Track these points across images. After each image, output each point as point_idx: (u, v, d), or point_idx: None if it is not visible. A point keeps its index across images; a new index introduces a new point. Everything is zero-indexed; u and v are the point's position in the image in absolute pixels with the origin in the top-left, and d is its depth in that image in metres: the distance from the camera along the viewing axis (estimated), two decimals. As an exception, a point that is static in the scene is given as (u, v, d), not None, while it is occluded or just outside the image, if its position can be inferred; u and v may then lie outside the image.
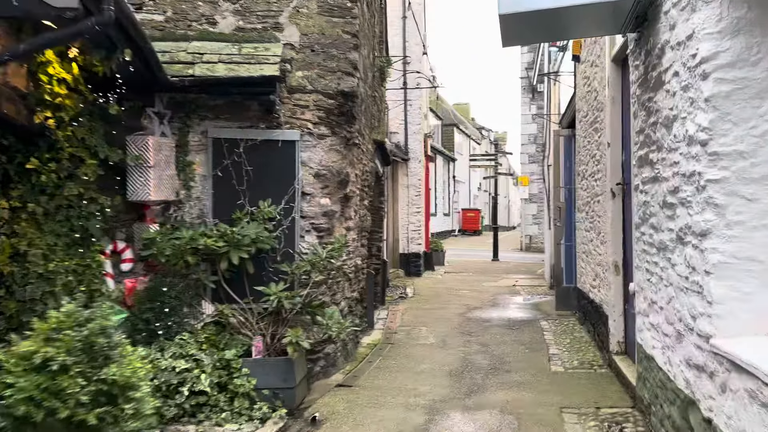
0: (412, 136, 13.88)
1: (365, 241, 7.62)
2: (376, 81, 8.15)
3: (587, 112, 7.03)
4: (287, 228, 5.23)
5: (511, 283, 12.89)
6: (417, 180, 13.97)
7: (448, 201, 34.02)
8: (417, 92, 13.76)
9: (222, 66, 4.88)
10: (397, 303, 10.00)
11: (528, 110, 25.91)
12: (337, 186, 5.65)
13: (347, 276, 6.29)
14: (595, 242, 6.48)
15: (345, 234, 6.04)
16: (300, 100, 5.31)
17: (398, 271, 13.68)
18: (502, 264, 18.25)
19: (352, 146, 5.92)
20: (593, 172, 6.60)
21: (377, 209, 9.62)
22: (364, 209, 7.42)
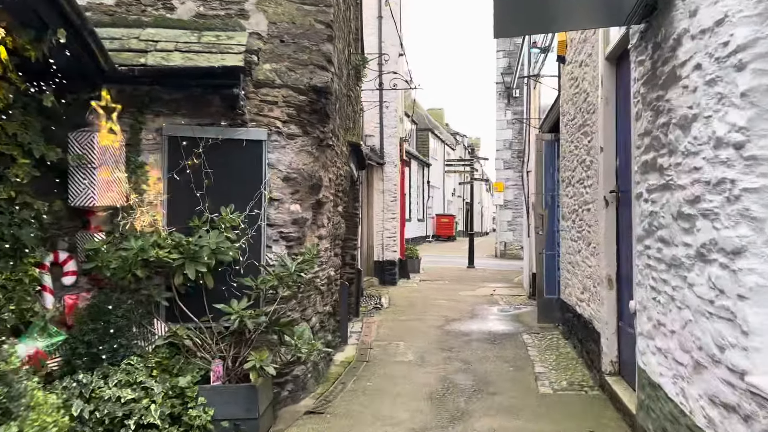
0: (388, 140, 13.43)
1: (339, 249, 7.12)
2: (351, 80, 7.67)
3: (574, 115, 6.67)
4: (252, 237, 4.69)
5: (489, 293, 12.52)
6: (392, 185, 13.52)
7: (422, 206, 33.69)
8: (393, 94, 13.32)
9: (179, 55, 4.33)
10: (372, 314, 9.50)
11: (504, 116, 25.77)
12: (309, 191, 5.14)
13: (319, 289, 5.78)
14: (584, 253, 6.10)
15: (317, 243, 5.54)
16: (268, 96, 4.79)
17: (372, 280, 13.18)
18: (478, 271, 17.91)
19: (325, 148, 5.42)
20: (582, 179, 6.22)
21: (352, 215, 9.12)
22: (338, 216, 6.92)
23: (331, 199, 6.13)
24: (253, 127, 4.73)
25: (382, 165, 13.39)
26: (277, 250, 4.90)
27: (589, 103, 5.82)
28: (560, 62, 7.69)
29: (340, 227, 7.06)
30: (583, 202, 6.14)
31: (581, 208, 6.23)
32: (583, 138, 6.14)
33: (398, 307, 10.28)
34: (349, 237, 9.10)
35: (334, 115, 5.59)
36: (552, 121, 9.09)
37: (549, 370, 6.00)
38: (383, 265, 13.43)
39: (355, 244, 9.11)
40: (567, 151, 7.20)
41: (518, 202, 25.46)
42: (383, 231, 13.48)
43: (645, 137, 3.73)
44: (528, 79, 11.67)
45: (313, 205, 5.33)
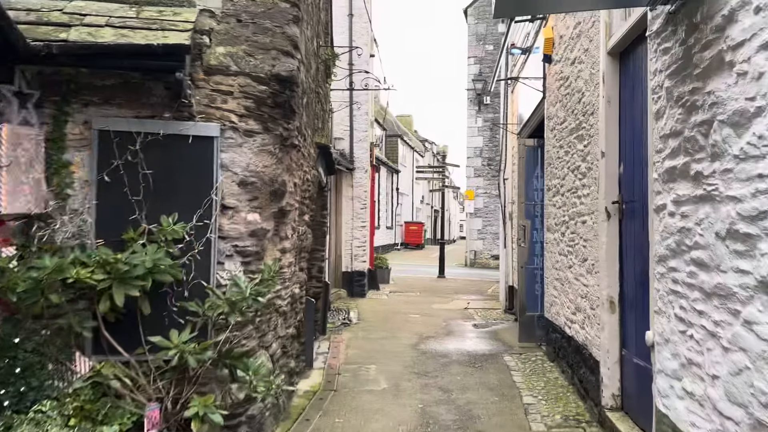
0: (358, 144, 12.74)
1: (305, 263, 6.38)
2: (320, 75, 6.96)
3: (564, 118, 6.10)
4: (200, 253, 3.92)
5: (463, 306, 11.91)
6: (363, 191, 12.83)
7: (391, 214, 33.08)
8: (364, 96, 12.65)
9: (110, 31, 3.56)
10: (340, 331, 8.76)
11: (474, 122, 25.41)
12: (270, 198, 4.41)
13: (281, 311, 5.04)
14: (577, 269, 5.51)
15: (279, 258, 4.80)
16: (221, 85, 4.05)
17: (341, 292, 12.44)
18: (449, 282, 17.34)
19: (290, 148, 4.69)
20: (574, 188, 5.64)
21: (320, 224, 8.39)
22: (305, 225, 6.19)
23: (297, 207, 5.40)
24: (203, 121, 3.98)
25: (351, 170, 12.70)
26: (230, 267, 4.14)
27: (585, 104, 5.25)
28: (546, 62, 7.14)
29: (307, 238, 6.33)
30: (576, 213, 5.56)
31: (573, 220, 5.65)
32: (576, 143, 5.57)
33: (368, 323, 9.56)
34: (317, 248, 8.36)
35: (300, 111, 4.88)
36: (534, 125, 8.56)
37: (539, 400, 5.37)
38: (352, 276, 12.71)
39: (322, 255, 8.38)
40: (554, 158, 6.63)
41: (488, 210, 25.11)
42: (352, 240, 12.76)
43: (671, 139, 3.13)
44: (506, 83, 11.16)
45: (276, 213, 4.60)
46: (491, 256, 24.83)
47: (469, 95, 25.37)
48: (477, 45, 25.25)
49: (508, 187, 11.09)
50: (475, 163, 25.09)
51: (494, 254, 24.71)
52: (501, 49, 10.66)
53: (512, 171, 10.76)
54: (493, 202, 25.02)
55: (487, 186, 24.94)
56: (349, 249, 12.74)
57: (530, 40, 8.69)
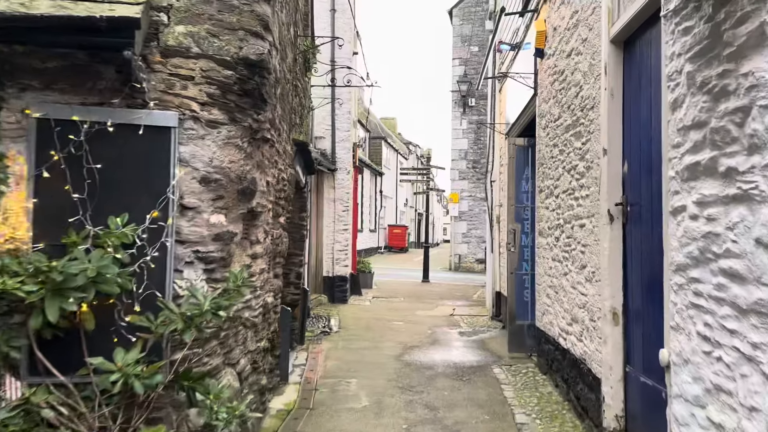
0: (341, 144, 12.28)
1: (280, 269, 5.91)
2: (298, 67, 6.50)
3: (559, 114, 5.72)
4: (154, 259, 3.44)
5: (448, 312, 11.50)
6: (345, 193, 12.37)
7: (374, 217, 32.65)
8: (346, 94, 12.21)
9: (46, 2, 3.07)
10: (320, 340, 8.29)
11: (459, 125, 25.10)
12: (238, 197, 3.94)
13: (250, 322, 4.56)
14: (574, 277, 5.11)
15: (250, 265, 4.34)
16: (181, 69, 3.57)
17: (321, 297, 11.95)
18: (434, 286, 16.93)
19: (261, 142, 4.23)
20: (570, 189, 5.25)
21: (298, 227, 7.91)
22: (280, 228, 5.72)
23: (270, 208, 4.93)
24: (159, 109, 3.50)
25: (333, 171, 12.23)
26: (191, 275, 3.65)
27: (583, 99, 4.86)
28: (538, 56, 6.77)
29: (282, 242, 5.86)
30: (572, 217, 5.17)
31: (569, 224, 5.26)
32: (573, 140, 5.18)
33: (350, 331, 9.10)
34: (295, 252, 7.88)
35: (273, 102, 4.41)
36: (524, 124, 8.18)
37: (533, 419, 4.96)
38: (333, 281, 12.23)
39: (301, 260, 7.90)
40: (547, 157, 6.24)
41: (473, 213, 24.79)
42: (334, 244, 12.28)
43: (693, 131, 2.73)
44: (493, 82, 10.79)
45: (245, 215, 4.13)
46: (476, 260, 24.52)
47: (453, 97, 25.06)
48: (462, 46, 24.96)
49: (495, 190, 10.71)
50: (459, 166, 24.78)
51: (479, 258, 24.40)
52: (489, 46, 10.29)
53: (500, 173, 10.39)
54: (478, 205, 24.72)
55: (472, 189, 24.64)
56: (330, 253, 12.27)
57: (520, 36, 8.32)
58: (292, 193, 6.20)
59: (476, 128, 24.70)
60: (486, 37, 24.92)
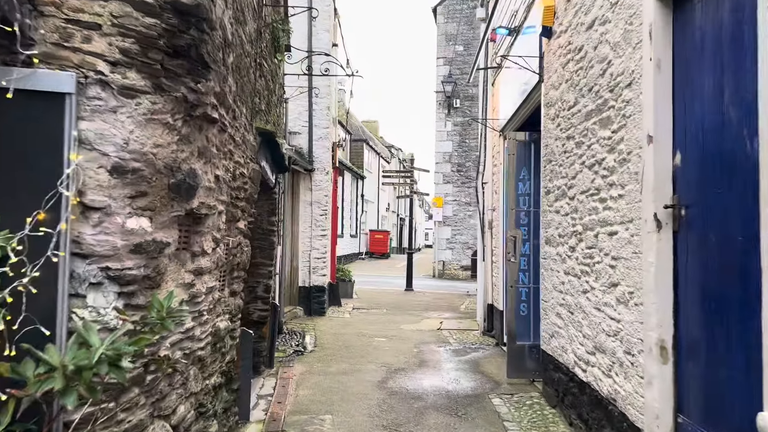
0: (319, 142, 11.26)
1: (240, 284, 4.87)
2: (265, 43, 5.49)
3: (575, 100, 4.79)
4: (38, 281, 2.40)
5: (435, 325, 10.53)
6: (323, 196, 11.35)
7: (355, 221, 31.66)
8: (325, 88, 11.20)
9: None
10: (292, 362, 7.25)
11: (444, 126, 24.22)
12: (169, 194, 2.93)
13: (196, 357, 3.54)
14: (599, 296, 4.17)
15: (191, 283, 3.34)
16: (83, 13, 2.55)
17: (296, 310, 10.90)
18: (418, 295, 15.96)
19: (204, 123, 3.23)
20: (594, 189, 4.32)
21: (266, 233, 6.89)
22: (239, 235, 4.70)
23: (223, 210, 3.91)
24: (49, 68, 2.47)
25: (310, 172, 11.21)
26: (99, 301, 2.62)
27: (613, 76, 3.93)
28: (545, 36, 5.85)
29: (242, 252, 4.83)
30: (597, 222, 4.23)
31: (592, 231, 4.32)
32: (597, 129, 4.24)
33: (326, 350, 8.07)
34: (263, 262, 6.85)
35: (221, 70, 3.39)
36: (524, 117, 7.27)
37: (550, 473, 3.99)
38: (310, 292, 11.19)
39: (270, 271, 6.87)
40: (558, 153, 5.31)
41: (458, 218, 23.91)
42: (310, 251, 11.25)
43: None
44: (485, 75, 9.88)
45: (181, 219, 3.12)
46: (460, 266, 23.64)
47: (438, 98, 24.20)
48: (447, 45, 24.15)
49: (487, 193, 9.79)
50: (444, 169, 23.90)
51: (463, 265, 23.53)
52: (483, 35, 9.38)
53: (493, 174, 9.47)
54: (462, 210, 23.86)
55: (457, 193, 23.78)
56: (306, 261, 11.23)
57: (519, 19, 7.42)
58: (255, 192, 5.18)
59: (461, 130, 23.88)
60: (472, 35, 24.14)
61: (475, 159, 24.56)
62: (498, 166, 8.98)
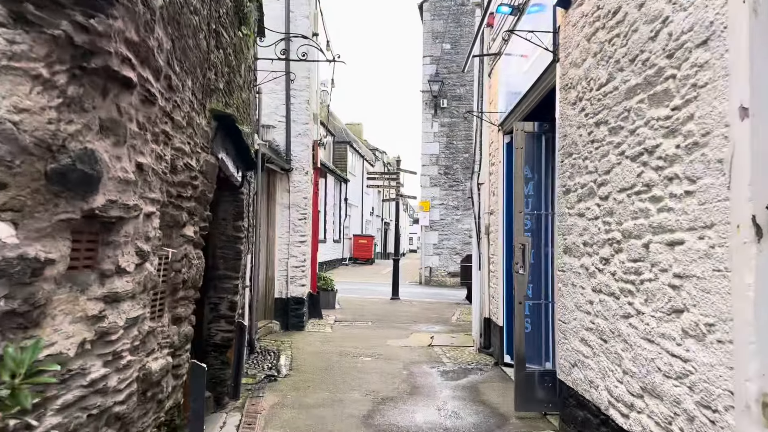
0: (297, 139, 10.25)
1: (189, 307, 3.84)
2: (226, 10, 4.47)
3: (610, 75, 3.86)
4: None
5: (426, 341, 9.55)
6: (302, 198, 10.32)
7: (339, 226, 30.62)
8: (304, 80, 10.20)
9: None
10: (262, 391, 6.22)
11: (430, 127, 23.32)
12: (49, 186, 1.93)
13: (112, 416, 2.52)
14: (653, 325, 3.22)
15: (101, 315, 2.35)
16: None
17: (272, 324, 9.84)
18: (405, 304, 14.97)
19: (112, 84, 2.22)
20: (642, 185, 3.37)
21: (232, 241, 5.86)
22: (187, 244, 3.68)
23: (153, 212, 2.89)
24: None
25: (288, 172, 10.18)
26: None
27: (673, 37, 3.00)
28: (562, 7, 4.92)
29: (191, 265, 3.80)
30: (647, 228, 3.28)
31: (641, 240, 3.37)
32: (646, 108, 3.31)
33: (303, 374, 7.05)
34: (227, 274, 5.82)
35: (136, 7, 2.36)
36: (532, 106, 6.34)
37: None
38: (287, 304, 10.14)
39: (235, 285, 5.84)
40: (583, 143, 4.38)
41: (445, 223, 22.99)
42: (288, 259, 10.20)
43: None
44: (480, 65, 8.96)
45: (77, 224, 2.12)
46: (448, 273, 22.72)
47: (424, 98, 23.28)
48: (433, 43, 23.29)
49: (484, 194, 8.85)
50: (431, 172, 22.99)
51: (451, 271, 22.60)
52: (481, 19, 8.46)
53: (490, 174, 8.54)
54: (450, 214, 22.96)
55: (444, 196, 22.88)
56: (283, 270, 10.18)
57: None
58: (210, 191, 4.16)
59: (449, 131, 23.01)
60: (459, 33, 23.31)
61: (463, 161, 23.74)
62: (496, 164, 8.05)
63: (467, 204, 23.85)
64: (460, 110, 22.97)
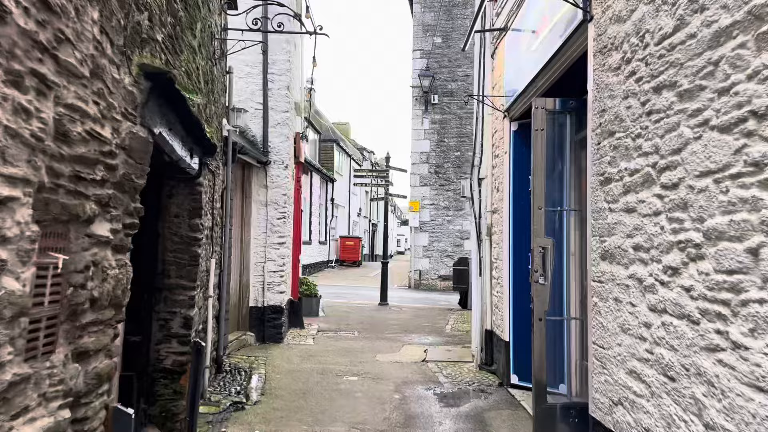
0: (276, 129, 9.17)
1: (101, 335, 2.77)
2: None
3: (678, 22, 2.86)
4: None
5: (419, 355, 8.52)
6: (281, 195, 9.23)
7: (325, 227, 29.51)
8: (284, 63, 9.13)
9: None
10: (225, 424, 5.16)
11: (420, 124, 22.32)
12: None
13: None
14: (762, 367, 2.21)
15: None
16: None
17: (246, 336, 8.76)
18: (394, 311, 13.93)
19: None
20: (742, 167, 2.37)
21: (187, 243, 4.79)
22: (98, 248, 2.62)
23: (21, 198, 1.83)
24: None
25: (265, 165, 9.10)
26: None
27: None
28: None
29: (105, 276, 2.73)
30: (757, 228, 2.28)
31: (742, 243, 2.37)
32: (751, 54, 2.31)
33: (277, 401, 5.98)
34: (180, 284, 4.75)
35: None
36: (550, 82, 5.34)
37: None
38: (264, 314, 9.06)
39: (192, 297, 4.76)
40: (633, 116, 3.38)
41: (436, 224, 21.98)
42: (265, 263, 9.12)
43: None
44: (482, 42, 7.96)
45: None
46: (438, 276, 21.72)
47: (414, 93, 22.27)
48: (424, 37, 22.32)
49: (485, 191, 7.85)
50: (421, 170, 21.99)
51: (442, 275, 21.61)
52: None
53: (493, 167, 7.55)
54: (441, 215, 21.96)
55: (435, 196, 21.89)
56: (260, 275, 9.10)
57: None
58: (140, 176, 3.08)
59: (440, 128, 22.04)
60: (451, 26, 22.33)
61: (455, 159, 22.74)
62: (501, 156, 7.06)
63: (459, 204, 22.93)
64: (451, 107, 22.04)
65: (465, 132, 21.90)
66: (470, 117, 22.68)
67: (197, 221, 4.86)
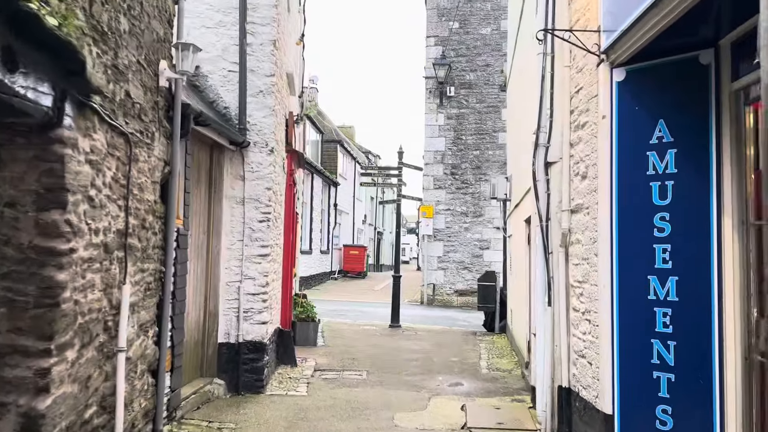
0: (257, 98, 6.70)
1: None
2: None
3: None
4: None
5: (455, 419, 5.99)
6: (265, 189, 6.74)
7: (327, 235, 27.01)
8: (269, 9, 6.71)
9: None
10: None
11: (435, 120, 19.85)
12: None
13: None
14: None
15: None
16: None
17: (212, 386, 6.24)
18: (410, 337, 11.39)
19: None
20: None
21: (30, 261, 2.31)
22: None
23: None
24: None
25: (242, 147, 6.62)
26: None
27: None
28: None
29: None
30: None
31: None
32: None
33: None
34: (13, 344, 2.26)
35: None
36: None
37: None
38: (239, 352, 6.54)
39: (40, 370, 2.31)
40: None
41: (452, 232, 19.44)
42: (240, 283, 6.61)
43: None
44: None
45: None
46: (455, 291, 19.17)
47: (428, 84, 19.85)
48: (439, 22, 19.96)
49: (556, 180, 5.36)
50: (435, 171, 19.52)
51: (459, 289, 19.06)
52: None
53: (573, 143, 5.07)
54: (458, 221, 19.43)
55: (451, 201, 19.39)
56: (233, 299, 6.60)
57: None
58: None
59: (457, 124, 19.60)
60: (469, 10, 19.92)
61: (473, 159, 20.05)
62: (590, 125, 4.59)
63: (478, 210, 20.30)
64: (470, 100, 19.62)
65: (485, 129, 19.46)
66: (491, 112, 20.20)
67: (56, 217, 2.39)
